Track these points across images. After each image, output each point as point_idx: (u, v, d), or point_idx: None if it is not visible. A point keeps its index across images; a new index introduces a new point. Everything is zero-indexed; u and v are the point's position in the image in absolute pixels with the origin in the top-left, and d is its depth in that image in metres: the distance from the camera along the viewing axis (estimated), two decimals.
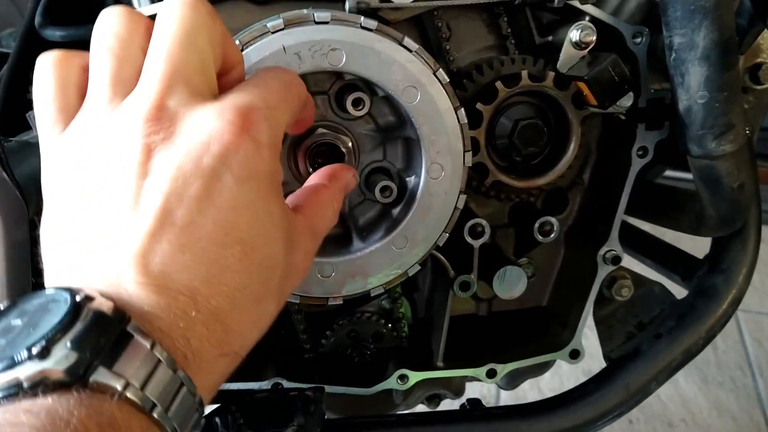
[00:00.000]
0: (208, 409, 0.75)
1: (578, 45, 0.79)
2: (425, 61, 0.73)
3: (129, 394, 0.42)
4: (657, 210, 0.98)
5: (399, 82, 0.72)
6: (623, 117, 0.86)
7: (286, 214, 0.56)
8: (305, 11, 0.71)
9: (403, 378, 0.91)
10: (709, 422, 1.93)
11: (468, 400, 1.00)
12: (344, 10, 0.74)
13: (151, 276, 0.46)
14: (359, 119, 0.79)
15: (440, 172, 0.76)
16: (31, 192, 0.75)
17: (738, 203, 0.82)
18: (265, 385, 0.87)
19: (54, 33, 0.89)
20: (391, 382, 0.91)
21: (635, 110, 0.84)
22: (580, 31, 0.78)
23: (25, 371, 0.40)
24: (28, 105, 0.86)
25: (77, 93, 0.55)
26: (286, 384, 0.87)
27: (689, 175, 0.84)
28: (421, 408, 1.03)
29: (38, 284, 0.75)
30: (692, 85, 0.75)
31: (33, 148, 0.81)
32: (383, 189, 0.78)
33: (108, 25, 0.54)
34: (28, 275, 0.75)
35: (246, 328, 0.52)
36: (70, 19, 0.94)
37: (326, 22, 0.70)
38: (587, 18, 0.81)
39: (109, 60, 0.53)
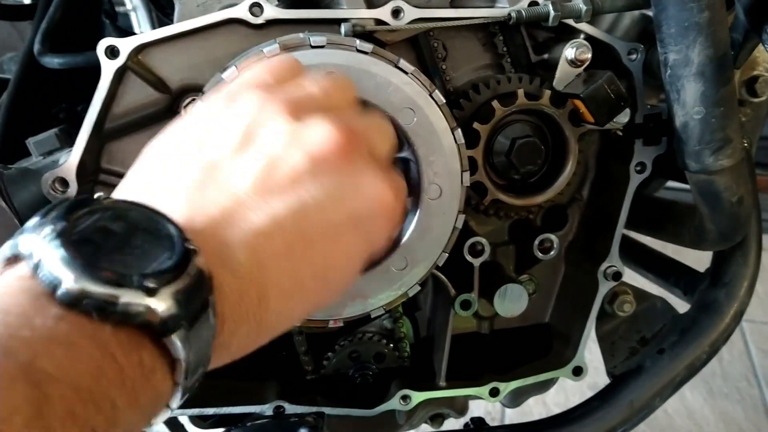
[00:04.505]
0: None
1: (574, 63, 0.80)
2: (421, 83, 0.73)
3: (183, 363, 0.40)
4: (657, 224, 0.98)
5: (395, 104, 0.72)
6: (620, 133, 0.87)
7: (355, 280, 0.58)
8: (301, 35, 0.72)
9: (405, 398, 0.91)
10: None
11: (471, 419, 1.00)
12: (340, 33, 0.75)
13: (250, 261, 0.46)
14: None
15: (438, 193, 0.76)
16: None
17: (737, 217, 0.82)
18: (267, 408, 0.87)
19: (52, 60, 0.90)
20: (394, 403, 0.90)
21: (632, 126, 0.85)
22: (575, 48, 0.79)
23: (131, 297, 0.37)
24: (28, 131, 0.88)
25: (291, 79, 0.59)
26: (288, 407, 0.87)
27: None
28: (424, 428, 1.03)
29: None
30: (688, 101, 0.75)
31: (33, 174, 0.82)
32: None
33: (332, 73, 0.63)
34: None
35: (259, 345, 0.52)
36: (68, 46, 0.94)
37: (322, 46, 0.70)
38: (582, 36, 0.82)
39: (328, 82, 0.59)
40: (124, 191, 0.51)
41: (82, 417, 0.34)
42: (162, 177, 0.51)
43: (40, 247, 0.37)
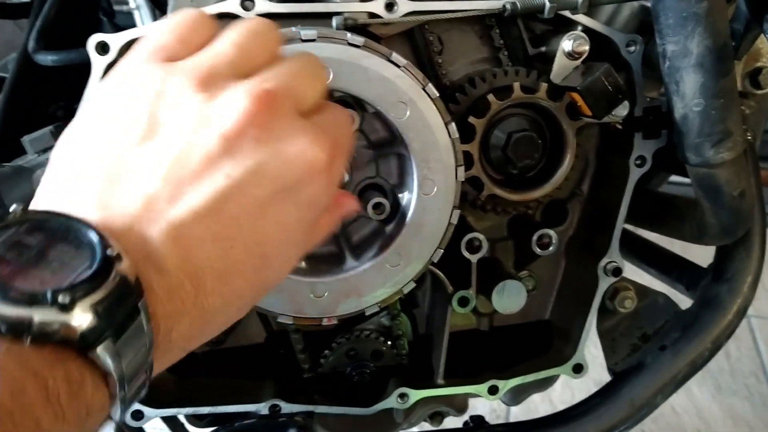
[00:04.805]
0: None
1: (571, 55, 0.78)
2: (414, 77, 0.72)
3: (114, 374, 0.39)
4: (658, 219, 0.97)
5: (388, 99, 0.71)
6: (620, 126, 0.85)
7: (305, 246, 0.56)
8: (292, 29, 0.71)
9: (403, 396, 0.90)
10: None
11: (471, 417, 0.99)
12: (332, 26, 0.74)
13: (175, 253, 0.45)
14: None
15: (433, 188, 0.75)
16: None
17: (739, 211, 0.80)
18: (263, 407, 0.86)
19: (46, 58, 0.90)
20: (391, 401, 0.90)
21: (631, 119, 0.83)
22: (572, 41, 0.77)
23: (44, 315, 0.36)
24: (26, 129, 0.87)
25: (201, 44, 0.54)
26: (284, 405, 0.86)
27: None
28: (424, 426, 1.02)
29: None
30: (687, 93, 0.73)
31: (26, 173, 0.81)
32: (376, 206, 0.78)
33: (251, 25, 0.55)
34: None
35: (216, 330, 0.51)
36: (63, 43, 0.94)
37: (313, 40, 0.70)
38: (580, 28, 0.80)
39: (246, 39, 0.54)
40: (40, 198, 0.49)
41: None
42: (73, 178, 0.48)
43: None
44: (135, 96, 0.50)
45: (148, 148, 0.48)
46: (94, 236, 0.40)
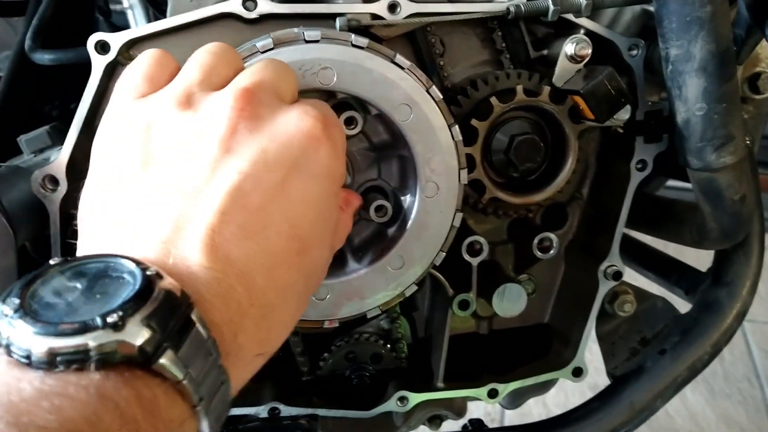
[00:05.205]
0: None
1: (573, 58, 0.78)
2: (418, 78, 0.72)
3: (186, 384, 0.40)
4: (658, 223, 0.97)
5: (392, 100, 0.71)
6: (621, 130, 0.85)
7: (337, 219, 0.58)
8: (295, 30, 0.70)
9: (402, 400, 0.89)
10: None
11: (470, 420, 0.99)
12: (335, 28, 0.73)
13: (215, 259, 0.46)
14: (352, 138, 0.78)
15: (435, 191, 0.74)
16: (20, 218, 0.73)
17: (740, 216, 0.80)
18: (263, 410, 0.85)
19: (43, 56, 0.89)
20: (391, 404, 0.89)
21: (633, 123, 0.83)
22: (575, 44, 0.77)
23: (98, 339, 0.37)
24: (20, 129, 0.86)
25: (169, 77, 0.57)
26: (283, 408, 0.86)
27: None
28: (423, 429, 1.01)
29: None
30: (690, 97, 0.73)
31: (23, 173, 0.80)
32: (378, 208, 0.77)
33: (208, 47, 0.60)
34: None
35: (284, 328, 0.52)
36: (59, 42, 0.93)
37: (316, 41, 0.69)
38: (582, 31, 0.81)
39: (208, 58, 0.58)
40: (82, 244, 0.51)
41: None
42: (102, 228, 0.50)
43: (5, 327, 0.38)
44: (125, 135, 0.53)
45: (152, 175, 0.50)
46: (131, 264, 0.42)
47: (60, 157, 0.73)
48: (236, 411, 0.85)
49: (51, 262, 0.43)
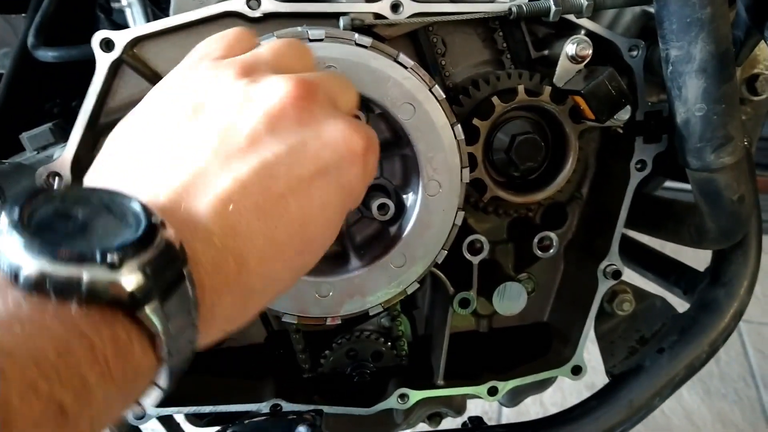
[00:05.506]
0: None
1: (574, 59, 0.79)
2: (421, 78, 0.72)
3: (162, 337, 0.39)
4: (657, 223, 0.97)
5: (395, 99, 0.71)
6: (621, 130, 0.86)
7: (337, 233, 0.57)
8: (299, 29, 0.71)
9: (403, 397, 0.90)
10: None
11: (469, 418, 0.99)
12: (339, 27, 0.74)
13: (221, 226, 0.46)
14: None
15: (437, 189, 0.75)
16: None
17: (738, 216, 0.81)
18: (264, 406, 0.86)
19: (46, 54, 0.89)
20: (391, 402, 0.90)
21: (633, 123, 0.84)
22: (575, 44, 0.78)
23: (93, 274, 0.36)
24: (22, 126, 0.86)
25: (243, 51, 0.58)
26: (285, 405, 0.86)
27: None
28: (422, 427, 1.02)
29: None
30: (690, 98, 0.74)
31: (26, 170, 0.81)
32: (381, 206, 0.78)
33: (287, 39, 0.63)
34: None
35: (250, 316, 0.52)
36: (62, 39, 0.93)
37: (321, 40, 0.70)
38: (583, 32, 0.81)
39: (284, 47, 0.59)
40: (88, 179, 0.51)
41: (46, 392, 0.33)
42: (123, 162, 0.51)
43: None
44: (186, 86, 0.53)
45: (194, 126, 0.50)
46: (137, 207, 0.41)
47: (65, 154, 0.73)
48: (238, 407, 0.86)
49: (56, 186, 0.42)
